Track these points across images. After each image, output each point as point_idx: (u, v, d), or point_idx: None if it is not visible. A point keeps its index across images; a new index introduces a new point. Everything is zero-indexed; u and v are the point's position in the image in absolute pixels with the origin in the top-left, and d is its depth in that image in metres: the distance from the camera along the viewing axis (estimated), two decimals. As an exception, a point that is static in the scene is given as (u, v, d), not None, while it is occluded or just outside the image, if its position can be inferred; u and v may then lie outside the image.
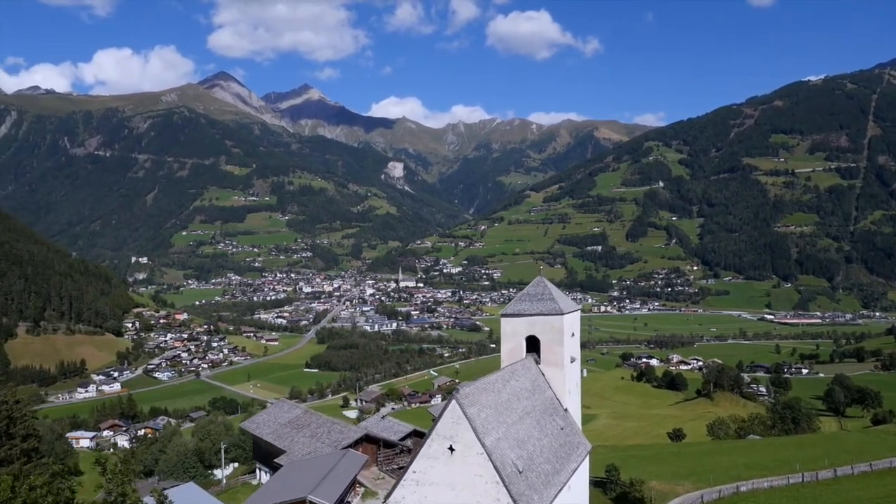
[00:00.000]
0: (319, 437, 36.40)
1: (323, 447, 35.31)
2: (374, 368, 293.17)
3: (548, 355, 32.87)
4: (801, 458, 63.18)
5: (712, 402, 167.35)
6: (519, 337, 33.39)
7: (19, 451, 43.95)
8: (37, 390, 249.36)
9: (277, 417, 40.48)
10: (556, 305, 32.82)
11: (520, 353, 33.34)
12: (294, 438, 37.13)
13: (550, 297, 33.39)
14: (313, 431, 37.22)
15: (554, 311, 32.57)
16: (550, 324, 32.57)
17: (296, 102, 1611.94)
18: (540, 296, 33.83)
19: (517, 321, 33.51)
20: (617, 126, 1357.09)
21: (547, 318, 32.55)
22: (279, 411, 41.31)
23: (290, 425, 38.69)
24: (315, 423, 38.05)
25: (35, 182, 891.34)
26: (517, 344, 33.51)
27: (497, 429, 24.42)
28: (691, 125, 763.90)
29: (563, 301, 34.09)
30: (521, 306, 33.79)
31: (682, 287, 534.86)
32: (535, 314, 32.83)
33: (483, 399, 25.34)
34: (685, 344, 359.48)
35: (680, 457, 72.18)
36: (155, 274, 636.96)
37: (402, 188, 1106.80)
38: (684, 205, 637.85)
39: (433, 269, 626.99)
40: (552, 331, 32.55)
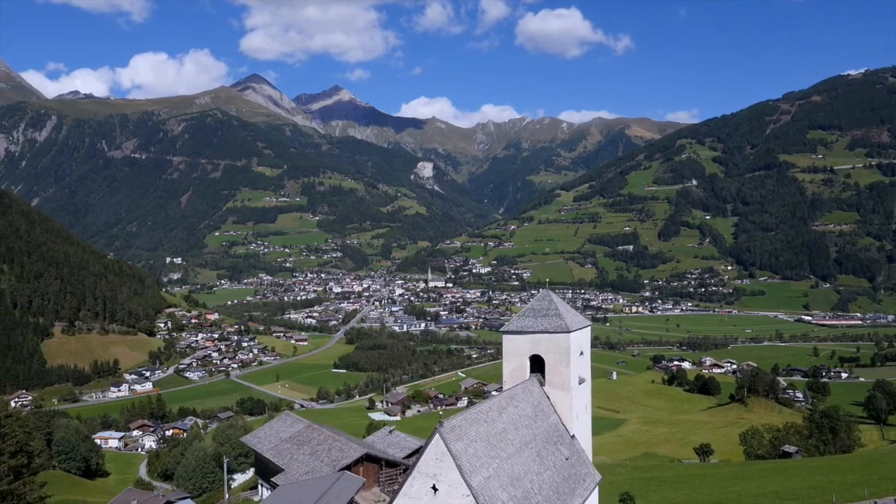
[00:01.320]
0: (319, 456, 34.82)
1: (322, 466, 33.73)
2: (401, 369, 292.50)
3: (553, 377, 30.18)
4: (838, 485, 58.34)
5: (746, 408, 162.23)
6: (522, 356, 30.79)
7: (7, 468, 42.68)
8: (71, 389, 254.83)
9: (279, 432, 39.04)
10: (562, 322, 29.98)
11: (523, 373, 30.86)
12: (293, 456, 35.62)
13: (556, 313, 30.49)
14: (314, 448, 35.68)
15: (560, 329, 29.73)
16: (556, 342, 29.80)
17: (326, 104, 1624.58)
18: (545, 311, 30.92)
19: (519, 339, 30.77)
20: (649, 124, 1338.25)
21: (552, 337, 29.77)
22: (282, 425, 39.86)
23: (292, 441, 37.21)
24: (316, 439, 36.48)
25: (74, 184, 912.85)
26: (520, 364, 30.94)
27: (488, 465, 22.22)
28: (725, 122, 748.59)
29: (571, 317, 31.43)
30: (525, 322, 31.01)
31: (715, 287, 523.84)
32: (539, 331, 30.12)
33: (473, 431, 23.07)
34: (719, 346, 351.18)
35: (704, 480, 66.82)
36: (189, 274, 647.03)
37: (432, 188, 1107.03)
38: (718, 203, 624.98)
39: (462, 270, 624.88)
40: (558, 350, 29.83)
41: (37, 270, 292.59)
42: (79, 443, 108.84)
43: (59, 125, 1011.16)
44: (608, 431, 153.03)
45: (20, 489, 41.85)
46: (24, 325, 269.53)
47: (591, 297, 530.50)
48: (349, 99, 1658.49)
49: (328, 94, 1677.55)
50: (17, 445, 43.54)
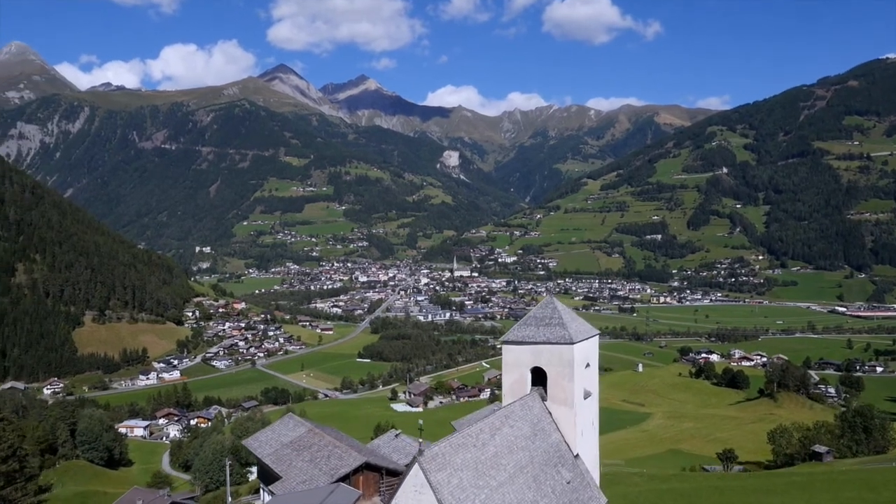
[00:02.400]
0: (318, 463, 33.63)
1: (320, 475, 32.53)
2: (425, 359, 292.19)
3: (555, 391, 27.91)
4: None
5: (775, 403, 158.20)
6: (522, 368, 28.53)
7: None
8: (101, 377, 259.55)
9: (281, 436, 37.96)
10: (565, 332, 27.69)
11: (523, 386, 28.65)
12: (292, 462, 34.49)
13: (560, 322, 28.21)
14: (313, 455, 34.50)
15: (562, 340, 27.41)
16: (558, 354, 27.53)
17: (353, 93, 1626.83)
18: (548, 320, 28.65)
19: (520, 350, 28.51)
20: (678, 111, 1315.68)
21: (554, 348, 27.52)
22: (284, 429, 38.79)
23: (292, 446, 36.11)
24: (317, 444, 35.31)
25: (107, 175, 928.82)
26: (520, 376, 28.70)
27: (474, 497, 20.40)
28: (758, 108, 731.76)
29: (576, 326, 28.94)
30: (525, 332, 28.72)
31: (746, 277, 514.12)
32: (540, 342, 27.93)
33: (459, 458, 21.18)
34: (748, 337, 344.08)
35: (725, 495, 61.93)
36: (218, 263, 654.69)
37: (458, 177, 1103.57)
38: (749, 192, 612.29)
39: (488, 259, 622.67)
40: (560, 363, 27.55)
41: (68, 260, 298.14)
42: (102, 433, 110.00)
43: (91, 117, 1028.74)
44: (632, 426, 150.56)
45: (13, 495, 41.32)
46: (56, 313, 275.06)
47: (617, 286, 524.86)
48: (375, 88, 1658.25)
49: (354, 83, 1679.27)
50: (9, 450, 42.83)
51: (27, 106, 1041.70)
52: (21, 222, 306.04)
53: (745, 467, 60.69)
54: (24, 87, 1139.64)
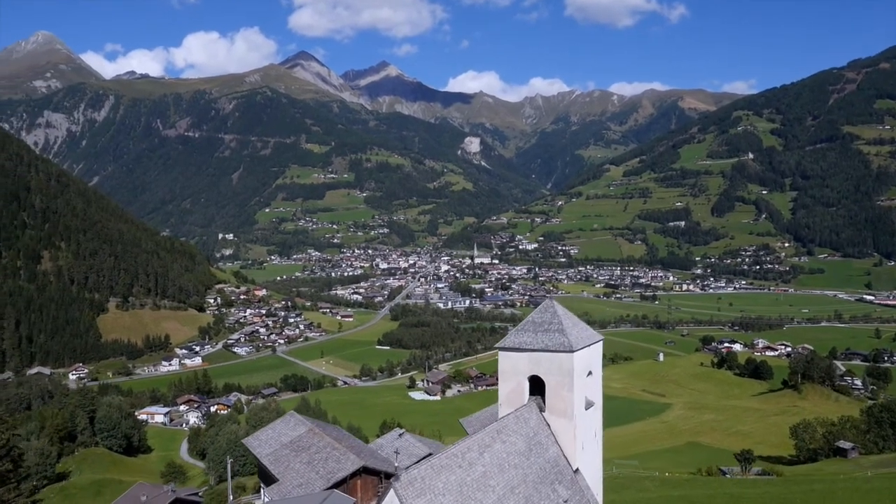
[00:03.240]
0: (315, 466, 32.79)
1: (316, 479, 31.68)
2: (444, 347, 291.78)
3: (554, 402, 26.19)
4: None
5: (799, 395, 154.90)
6: (520, 376, 26.82)
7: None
8: (125, 363, 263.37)
9: (280, 435, 37.19)
10: (564, 339, 25.94)
11: (521, 395, 27.04)
12: (290, 464, 33.69)
13: (559, 328, 26.45)
14: (311, 457, 33.67)
15: (561, 347, 25.69)
16: (557, 363, 25.85)
17: (374, 79, 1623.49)
18: (547, 325, 26.87)
19: (517, 357, 26.82)
20: (703, 95, 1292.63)
21: (553, 356, 25.86)
22: (285, 427, 38.01)
23: (291, 446, 35.32)
24: (316, 446, 34.47)
25: (132, 163, 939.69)
26: (517, 385, 27.00)
27: None
28: (785, 92, 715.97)
29: (577, 332, 27.20)
30: (523, 338, 27.01)
31: (771, 265, 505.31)
32: (538, 349, 26.24)
33: (440, 482, 19.84)
34: (773, 326, 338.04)
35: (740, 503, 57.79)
36: (240, 250, 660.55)
37: (479, 163, 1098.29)
38: (776, 177, 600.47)
39: (509, 246, 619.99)
40: (559, 371, 25.84)
41: (92, 248, 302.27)
42: (120, 420, 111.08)
43: (116, 105, 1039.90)
44: (652, 417, 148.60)
45: (5, 495, 41.01)
46: (81, 300, 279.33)
47: (639, 274, 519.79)
48: (396, 74, 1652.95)
49: (375, 69, 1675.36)
50: (2, 450, 42.43)
51: (54, 95, 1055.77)
52: (47, 210, 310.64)
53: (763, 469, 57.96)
54: (50, 76, 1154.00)
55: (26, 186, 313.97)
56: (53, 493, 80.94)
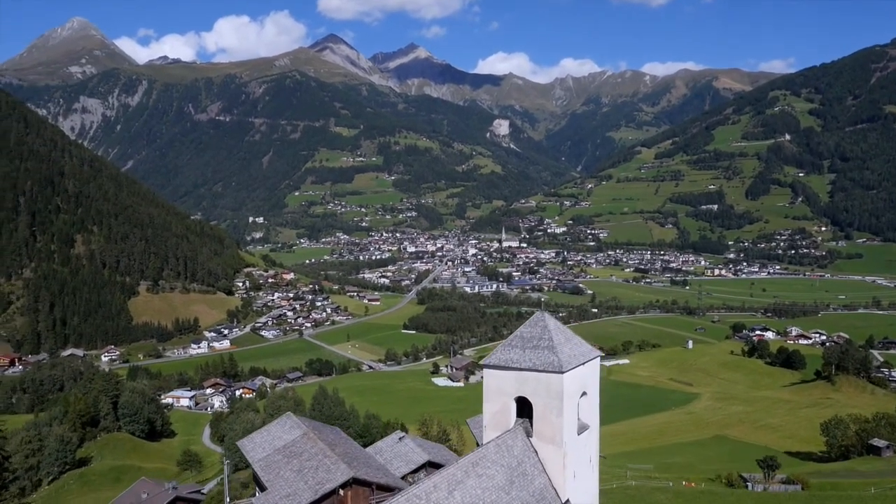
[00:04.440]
0: (305, 475, 31.49)
1: (304, 489, 30.37)
2: (469, 332, 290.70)
3: (542, 426, 23.76)
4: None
5: (833, 386, 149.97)
6: (505, 397, 24.47)
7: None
8: (155, 345, 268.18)
9: (275, 438, 36.02)
10: (554, 358, 23.41)
11: (507, 418, 24.67)
12: (280, 472, 32.46)
13: (549, 345, 24.02)
14: (302, 465, 32.38)
15: (550, 367, 23.24)
16: (545, 384, 23.42)
17: (403, 62, 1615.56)
18: (535, 341, 24.43)
19: (502, 376, 24.37)
20: (739, 75, 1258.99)
21: (541, 376, 23.44)
22: (280, 430, 36.83)
23: (284, 452, 34.10)
24: (308, 452, 33.17)
25: (164, 147, 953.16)
26: (503, 406, 24.57)
27: None
28: (825, 71, 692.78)
29: (569, 350, 24.62)
30: (510, 355, 24.56)
31: (807, 249, 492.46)
32: (525, 368, 23.79)
33: None
34: (808, 313, 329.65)
35: None
36: (270, 233, 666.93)
37: (508, 146, 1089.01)
38: (813, 159, 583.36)
39: (537, 229, 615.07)
40: (548, 394, 23.40)
41: (123, 232, 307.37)
42: (143, 405, 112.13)
43: (149, 90, 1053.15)
44: (678, 407, 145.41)
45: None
46: (112, 284, 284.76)
47: (670, 258, 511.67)
48: (425, 57, 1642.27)
49: (404, 52, 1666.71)
50: None
51: (89, 80, 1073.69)
52: (80, 195, 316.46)
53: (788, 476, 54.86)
54: (85, 61, 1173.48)
55: (60, 171, 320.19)
56: (73, 480, 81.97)
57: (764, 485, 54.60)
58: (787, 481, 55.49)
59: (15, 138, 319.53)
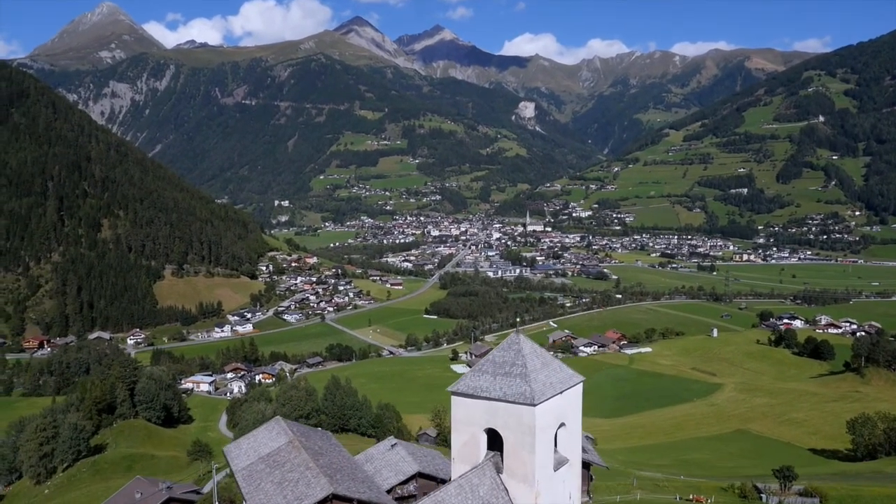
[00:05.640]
0: (284, 488, 30.23)
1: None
2: (491, 317, 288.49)
3: (513, 462, 21.25)
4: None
5: (862, 379, 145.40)
6: (474, 428, 21.95)
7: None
8: (179, 329, 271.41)
9: (261, 445, 34.84)
10: (525, 388, 20.78)
11: (476, 451, 22.17)
12: (260, 483, 31.27)
13: (522, 373, 21.35)
14: (284, 476, 31.13)
15: (521, 398, 20.63)
16: (516, 417, 20.87)
17: (428, 43, 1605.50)
18: (508, 367, 21.84)
19: (471, 405, 21.76)
20: (772, 54, 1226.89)
21: (511, 408, 20.86)
22: (266, 436, 35.63)
23: (267, 461, 32.89)
24: (291, 463, 31.92)
25: (191, 131, 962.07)
26: (472, 438, 22.11)
27: None
28: (862, 50, 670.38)
29: (545, 377, 21.92)
30: (479, 382, 21.87)
31: (840, 234, 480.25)
32: (494, 398, 21.17)
33: None
34: (839, 300, 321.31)
35: None
36: (295, 216, 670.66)
37: (533, 129, 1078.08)
38: (848, 142, 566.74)
39: (562, 213, 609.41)
40: (519, 427, 20.84)
41: (148, 216, 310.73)
42: (159, 392, 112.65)
43: (176, 74, 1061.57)
44: (700, 398, 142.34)
45: None
46: (138, 267, 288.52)
47: (698, 243, 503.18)
48: (451, 39, 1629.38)
49: (430, 34, 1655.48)
50: None
51: (118, 65, 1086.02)
52: (106, 179, 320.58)
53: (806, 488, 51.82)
54: (115, 46, 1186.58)
55: (87, 156, 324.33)
56: (85, 468, 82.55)
57: (780, 497, 52.14)
58: (804, 493, 52.92)
59: (43, 123, 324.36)
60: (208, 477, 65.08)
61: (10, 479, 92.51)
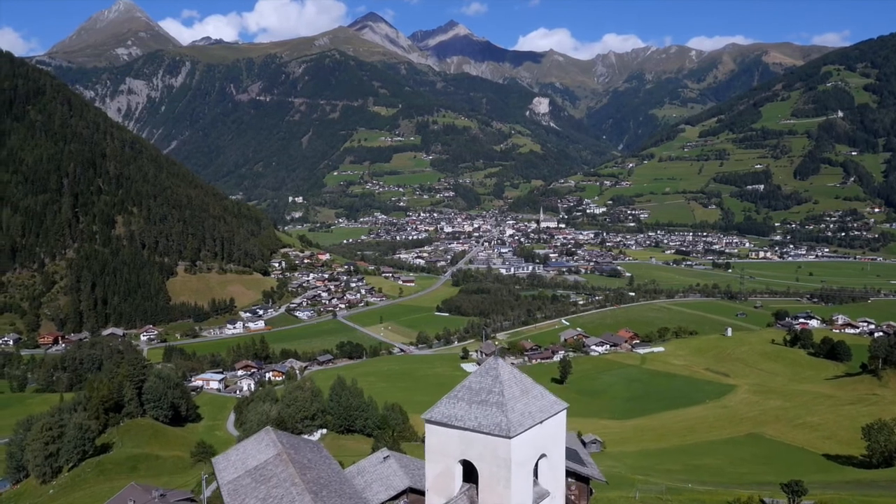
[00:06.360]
0: (268, 504, 29.25)
1: (264, 522, 28.15)
2: (503, 315, 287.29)
3: (488, 497, 19.68)
4: None
5: (879, 381, 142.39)
6: (449, 459, 20.49)
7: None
8: (192, 325, 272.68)
9: (249, 458, 33.97)
10: (502, 419, 19.29)
11: (450, 483, 20.69)
12: (245, 500, 30.39)
13: (498, 401, 19.81)
14: (269, 492, 30.21)
15: (496, 430, 19.18)
16: (492, 449, 19.37)
17: (442, 39, 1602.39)
18: (484, 394, 20.27)
19: (445, 434, 20.35)
20: (790, 49, 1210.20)
21: (486, 440, 19.41)
22: (255, 448, 34.76)
23: (254, 475, 32.02)
24: (277, 478, 31.02)
25: (207, 127, 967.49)
26: (446, 469, 20.65)
27: None
28: (883, 44, 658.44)
29: (523, 406, 20.28)
30: (454, 410, 20.44)
31: (858, 231, 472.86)
32: (468, 428, 19.71)
33: None
34: (856, 299, 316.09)
35: None
36: (309, 213, 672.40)
37: (548, 124, 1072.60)
38: (868, 137, 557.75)
39: (576, 210, 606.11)
40: (494, 460, 19.38)
41: (162, 213, 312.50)
42: (167, 391, 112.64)
43: (192, 71, 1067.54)
44: (713, 400, 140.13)
45: None
46: (151, 264, 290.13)
47: (713, 240, 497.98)
48: (465, 34, 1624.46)
49: (444, 29, 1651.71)
50: None
51: (134, 62, 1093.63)
52: (120, 176, 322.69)
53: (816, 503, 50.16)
54: (131, 43, 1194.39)
55: (102, 153, 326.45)
56: (90, 468, 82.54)
57: (786, 516, 50.35)
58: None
59: (59, 121, 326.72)
60: (210, 479, 64.49)
61: (19, 477, 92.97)
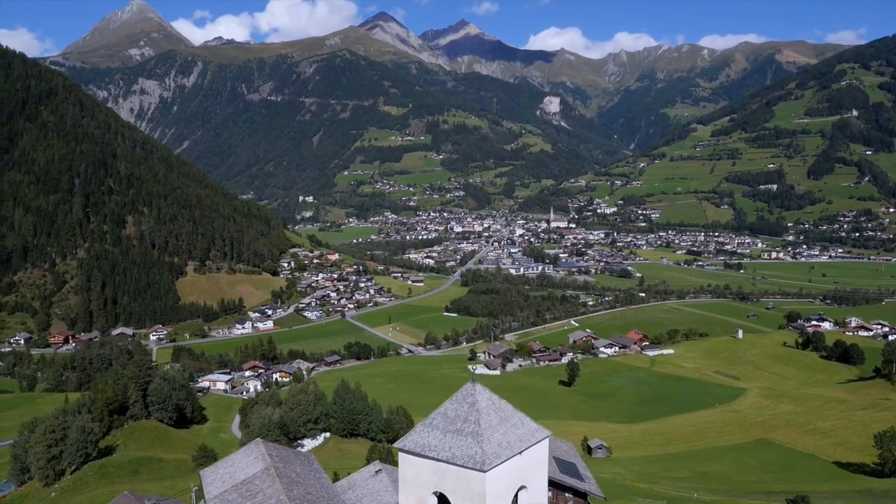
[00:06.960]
0: (252, 523, 28.50)
1: (247, 540, 27.40)
2: (512, 316, 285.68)
3: None
4: None
5: (893, 386, 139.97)
6: (423, 491, 19.46)
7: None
8: (201, 325, 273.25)
9: (237, 471, 33.24)
10: (476, 450, 18.26)
11: None
12: (229, 516, 29.55)
13: (474, 431, 18.74)
14: (253, 509, 29.37)
15: (470, 462, 18.15)
16: (465, 482, 18.32)
17: (453, 38, 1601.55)
18: (461, 423, 19.22)
19: (418, 464, 19.39)
20: (804, 47, 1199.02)
21: (460, 472, 18.36)
22: (244, 461, 34.01)
23: (240, 490, 31.25)
24: (264, 493, 30.25)
25: (218, 127, 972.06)
26: (420, 501, 19.60)
27: None
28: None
29: (500, 437, 19.14)
30: (428, 439, 19.44)
31: (873, 232, 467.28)
32: (442, 459, 18.70)
33: None
34: (870, 300, 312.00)
35: None
36: (320, 212, 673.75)
37: (558, 124, 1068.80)
38: (883, 136, 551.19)
39: (586, 209, 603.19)
40: (468, 494, 18.27)
41: (172, 213, 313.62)
42: (172, 392, 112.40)
43: (204, 71, 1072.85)
44: (722, 404, 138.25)
45: None
46: (161, 264, 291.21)
47: (725, 240, 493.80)
48: (476, 34, 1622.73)
49: (454, 29, 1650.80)
50: None
51: (147, 62, 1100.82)
52: (131, 176, 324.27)
53: None
54: (143, 44, 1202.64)
55: (113, 153, 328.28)
56: (92, 471, 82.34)
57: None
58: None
59: (71, 121, 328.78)
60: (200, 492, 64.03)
61: (23, 479, 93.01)
